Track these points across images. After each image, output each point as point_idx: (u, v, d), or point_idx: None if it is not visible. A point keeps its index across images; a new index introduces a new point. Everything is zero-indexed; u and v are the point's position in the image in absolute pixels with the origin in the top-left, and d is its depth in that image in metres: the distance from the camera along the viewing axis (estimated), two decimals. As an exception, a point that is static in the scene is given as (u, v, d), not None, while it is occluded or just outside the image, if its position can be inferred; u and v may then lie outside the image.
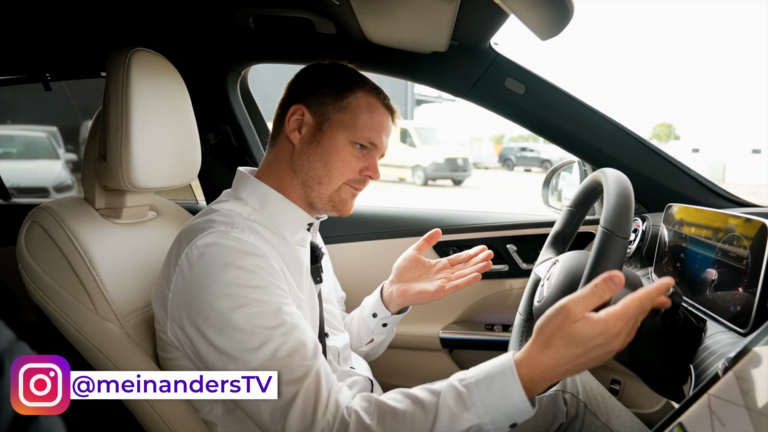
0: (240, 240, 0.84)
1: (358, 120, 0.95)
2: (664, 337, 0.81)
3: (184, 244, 0.85)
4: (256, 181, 0.97)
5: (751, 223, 0.78)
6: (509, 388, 0.71)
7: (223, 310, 0.78)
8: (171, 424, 0.87)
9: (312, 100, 0.96)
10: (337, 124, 0.95)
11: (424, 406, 0.74)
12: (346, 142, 0.95)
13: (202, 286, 0.80)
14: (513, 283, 1.55)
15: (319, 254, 1.03)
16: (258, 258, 0.83)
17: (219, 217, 0.88)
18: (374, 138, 0.97)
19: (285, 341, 0.78)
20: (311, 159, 0.95)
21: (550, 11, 0.88)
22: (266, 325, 0.78)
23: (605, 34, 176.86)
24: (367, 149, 0.98)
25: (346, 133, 0.95)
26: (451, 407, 0.73)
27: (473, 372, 0.75)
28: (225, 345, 0.78)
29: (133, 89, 0.93)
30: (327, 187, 0.96)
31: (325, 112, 0.95)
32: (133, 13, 1.38)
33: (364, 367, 1.14)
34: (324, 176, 0.95)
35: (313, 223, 1.03)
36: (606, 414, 1.14)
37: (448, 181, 14.92)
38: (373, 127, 0.97)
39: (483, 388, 0.72)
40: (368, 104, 0.97)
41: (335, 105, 0.96)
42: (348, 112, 0.95)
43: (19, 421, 0.30)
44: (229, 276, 0.80)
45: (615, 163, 1.34)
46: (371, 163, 0.99)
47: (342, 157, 0.95)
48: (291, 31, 1.40)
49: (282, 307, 0.81)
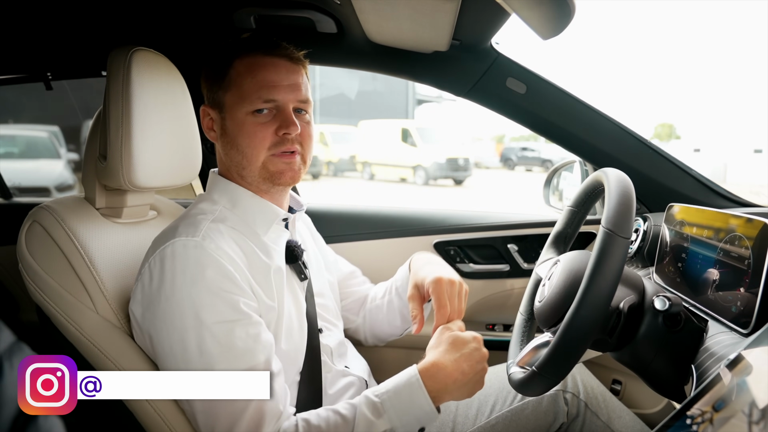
0: (200, 248, 0.83)
1: (243, 88, 0.90)
2: (665, 338, 0.81)
3: (150, 252, 0.87)
4: (224, 181, 0.97)
5: (753, 223, 0.78)
6: (415, 396, 0.84)
7: (176, 328, 0.81)
8: (171, 424, 0.87)
9: (208, 96, 0.96)
10: (230, 105, 0.92)
11: (345, 418, 0.83)
12: (244, 116, 0.91)
13: (159, 302, 0.82)
14: (514, 282, 1.55)
15: (298, 252, 1.00)
16: (216, 270, 0.83)
17: (183, 223, 0.88)
18: (268, 94, 0.90)
19: (230, 367, 0.80)
20: (227, 150, 0.95)
21: (552, 10, 0.88)
22: (214, 351, 0.80)
23: (606, 34, 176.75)
24: (272, 110, 0.91)
25: (241, 108, 0.91)
26: (367, 415, 0.82)
27: (384, 385, 0.87)
28: (173, 364, 0.82)
29: (134, 88, 0.92)
30: (251, 167, 0.93)
31: (218, 99, 0.94)
32: (134, 12, 1.38)
33: (360, 366, 1.14)
34: (242, 159, 0.93)
35: (289, 218, 1.02)
36: (607, 414, 1.14)
37: (450, 181, 14.92)
38: (262, 84, 0.90)
39: (393, 395, 0.84)
40: (248, 66, 0.91)
41: (221, 88, 0.93)
42: (233, 87, 0.92)
43: (19, 422, 0.30)
44: (186, 294, 0.81)
45: (616, 162, 1.34)
46: (283, 120, 0.91)
47: (247, 133, 0.91)
48: (292, 31, 1.40)
49: (234, 329, 0.81)
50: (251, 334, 0.83)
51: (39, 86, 1.68)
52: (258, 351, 0.82)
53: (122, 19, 1.42)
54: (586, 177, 1.39)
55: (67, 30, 1.50)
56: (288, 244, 1.00)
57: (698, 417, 0.56)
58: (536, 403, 1.13)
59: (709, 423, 0.54)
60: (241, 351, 0.81)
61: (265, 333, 0.86)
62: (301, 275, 1.01)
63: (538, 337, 0.96)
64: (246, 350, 0.81)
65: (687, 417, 0.56)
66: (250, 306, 0.85)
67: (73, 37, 1.53)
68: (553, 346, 0.77)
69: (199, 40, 1.51)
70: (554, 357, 0.77)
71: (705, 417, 0.55)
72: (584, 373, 1.21)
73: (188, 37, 1.50)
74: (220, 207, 0.94)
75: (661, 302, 0.80)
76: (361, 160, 16.11)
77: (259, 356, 0.82)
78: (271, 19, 1.37)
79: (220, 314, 0.81)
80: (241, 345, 0.81)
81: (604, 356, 1.38)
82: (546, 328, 0.92)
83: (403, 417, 0.83)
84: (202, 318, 0.80)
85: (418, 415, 0.84)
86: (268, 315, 0.89)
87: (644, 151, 1.35)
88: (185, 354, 0.80)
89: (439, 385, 0.85)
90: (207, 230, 0.87)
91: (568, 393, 1.15)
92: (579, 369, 1.22)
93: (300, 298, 1.01)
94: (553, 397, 1.14)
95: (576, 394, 1.15)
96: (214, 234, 0.87)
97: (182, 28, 1.47)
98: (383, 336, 1.24)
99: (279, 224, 1.00)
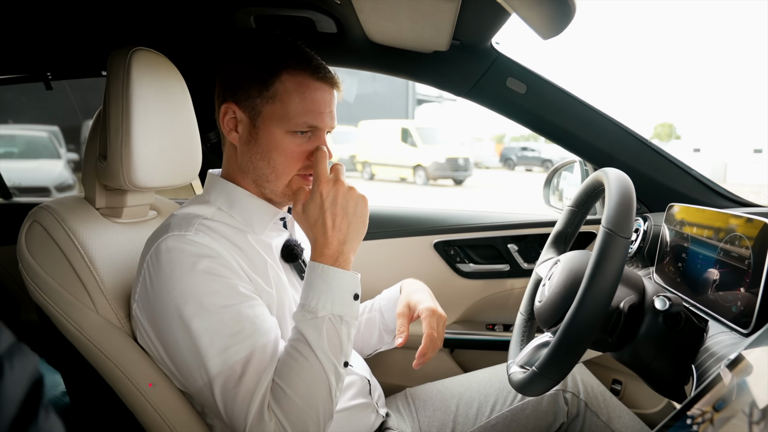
0: (193, 242, 0.84)
1: (289, 107, 0.88)
2: (665, 338, 0.81)
3: (145, 251, 0.87)
4: (223, 182, 0.96)
5: (753, 223, 0.78)
6: (326, 275, 0.85)
7: (182, 318, 0.80)
8: (171, 424, 0.87)
9: (240, 96, 0.90)
10: (269, 117, 0.89)
11: (295, 339, 0.84)
12: (283, 134, 0.89)
13: (162, 295, 0.82)
14: (514, 282, 1.55)
15: (297, 251, 1.00)
16: (211, 259, 0.83)
17: (175, 221, 0.88)
18: (312, 120, 0.89)
19: (242, 349, 0.80)
20: (253, 159, 0.92)
21: (552, 10, 0.88)
22: (224, 333, 0.80)
23: (607, 34, 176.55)
24: (310, 132, 0.91)
25: (281, 125, 0.89)
26: (306, 321, 0.84)
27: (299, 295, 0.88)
28: (184, 354, 0.82)
29: (134, 88, 0.92)
30: (277, 183, 0.93)
31: (255, 106, 0.89)
32: (134, 12, 1.38)
33: (362, 366, 1.14)
34: (270, 173, 0.92)
35: (287, 218, 1.02)
36: (607, 414, 1.14)
37: (449, 181, 14.93)
38: (309, 109, 0.89)
39: (310, 293, 0.85)
40: (297, 85, 0.88)
41: (262, 96, 0.89)
42: (277, 102, 0.88)
43: (18, 423, 0.30)
44: (186, 284, 0.81)
45: (616, 162, 1.34)
46: (320, 144, 0.92)
47: (283, 151, 0.90)
48: (292, 31, 1.40)
49: (240, 311, 0.82)
50: (258, 314, 0.83)
51: (39, 86, 1.68)
52: (266, 330, 0.83)
53: (122, 19, 1.42)
54: (586, 177, 1.39)
55: (67, 30, 1.50)
56: (287, 243, 1.00)
57: (698, 417, 0.56)
58: (536, 403, 1.13)
59: (710, 423, 0.54)
60: (250, 331, 0.81)
61: (268, 313, 0.87)
62: (302, 273, 1.01)
63: (538, 337, 0.96)
64: (254, 330, 0.81)
65: (687, 417, 0.56)
66: (249, 289, 0.85)
67: (73, 37, 1.53)
68: (553, 346, 0.77)
69: (199, 40, 1.51)
70: (554, 357, 0.77)
71: (705, 417, 0.55)
72: (584, 373, 1.21)
73: (188, 37, 1.50)
74: (214, 209, 0.93)
75: (661, 302, 0.80)
76: (361, 160, 16.11)
77: (268, 335, 0.83)
78: (271, 18, 1.37)
79: (223, 299, 0.81)
80: (249, 326, 0.81)
81: (604, 356, 1.39)
82: (546, 328, 0.92)
83: (332, 298, 0.84)
84: (206, 304, 0.80)
85: (341, 285, 0.85)
86: (266, 299, 0.89)
87: (644, 151, 1.35)
88: (196, 342, 0.80)
89: (331, 251, 0.86)
90: (198, 226, 0.87)
91: (568, 393, 1.15)
92: (579, 369, 1.22)
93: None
94: (553, 397, 1.14)
95: (576, 393, 1.15)
96: (206, 230, 0.87)
97: (182, 27, 1.47)
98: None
99: (277, 223, 1.00)
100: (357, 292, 0.87)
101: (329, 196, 0.86)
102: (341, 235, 0.87)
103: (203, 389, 0.81)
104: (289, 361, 0.82)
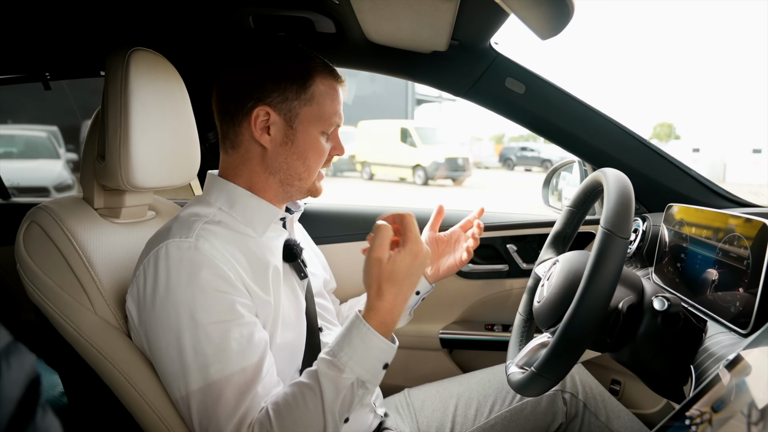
0: (192, 250, 0.83)
1: (324, 109, 0.93)
2: (664, 338, 0.81)
3: (144, 253, 0.87)
4: (225, 182, 0.96)
5: (752, 223, 0.78)
6: (367, 338, 0.81)
7: (171, 329, 0.81)
8: (169, 424, 0.87)
9: (275, 98, 0.90)
10: (307, 119, 0.92)
11: (310, 387, 0.81)
12: (318, 134, 0.94)
13: (155, 302, 0.82)
14: (513, 283, 1.55)
15: (297, 251, 1.00)
16: (209, 271, 0.82)
17: (176, 224, 0.88)
18: (338, 120, 0.96)
19: (224, 368, 0.80)
20: (289, 159, 0.93)
21: (551, 10, 0.88)
22: (209, 351, 0.80)
23: (606, 34, 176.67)
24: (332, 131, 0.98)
25: (317, 126, 0.93)
26: (329, 375, 0.81)
27: (334, 341, 0.84)
28: (166, 363, 0.82)
29: (132, 89, 0.92)
30: (309, 179, 0.96)
31: (292, 108, 0.91)
32: (132, 12, 1.37)
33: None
34: (304, 172, 0.95)
35: (286, 218, 1.02)
36: (606, 414, 1.14)
37: (449, 181, 14.93)
38: (336, 110, 0.95)
39: (346, 348, 0.82)
40: (328, 88, 0.94)
41: (300, 99, 0.91)
42: (314, 104, 0.92)
43: (15, 421, 0.29)
44: (181, 295, 0.80)
45: (615, 162, 1.34)
46: (336, 143, 0.99)
47: (317, 150, 0.95)
48: (291, 31, 1.40)
49: (230, 329, 0.81)
50: (245, 334, 0.82)
51: (38, 86, 1.68)
52: (251, 352, 0.82)
53: (121, 19, 1.42)
54: (585, 177, 1.39)
55: (65, 30, 1.50)
56: (287, 243, 0.99)
57: (697, 417, 0.56)
58: (535, 404, 1.13)
59: (708, 424, 0.54)
60: (235, 351, 0.81)
61: (258, 332, 0.85)
62: (301, 273, 1.01)
63: (537, 337, 0.96)
64: (240, 351, 0.81)
65: (686, 417, 0.56)
66: (245, 305, 0.85)
67: (72, 37, 1.53)
68: (552, 346, 0.77)
69: (198, 40, 1.51)
70: (553, 357, 0.77)
71: (704, 417, 0.55)
72: (583, 374, 1.21)
73: (187, 37, 1.50)
74: (215, 209, 0.93)
75: (660, 302, 0.80)
76: (360, 160, 16.11)
77: (252, 357, 0.82)
78: (270, 19, 1.37)
79: (215, 315, 0.81)
80: (236, 345, 0.81)
81: (603, 356, 1.39)
82: (545, 329, 0.92)
83: (364, 363, 0.82)
84: (197, 318, 0.80)
85: (377, 354, 0.82)
86: (264, 310, 0.88)
87: (643, 151, 1.35)
88: (180, 354, 0.80)
89: (382, 315, 0.83)
90: (200, 231, 0.86)
91: (567, 393, 1.15)
92: (578, 369, 1.22)
93: (300, 296, 1.00)
94: (551, 398, 1.14)
95: (575, 394, 1.15)
96: (208, 234, 0.86)
97: (181, 28, 1.47)
98: None
99: (277, 223, 1.00)
100: (388, 362, 0.84)
101: (419, 257, 0.84)
102: (403, 300, 0.84)
103: (180, 402, 0.82)
104: (292, 404, 0.80)
